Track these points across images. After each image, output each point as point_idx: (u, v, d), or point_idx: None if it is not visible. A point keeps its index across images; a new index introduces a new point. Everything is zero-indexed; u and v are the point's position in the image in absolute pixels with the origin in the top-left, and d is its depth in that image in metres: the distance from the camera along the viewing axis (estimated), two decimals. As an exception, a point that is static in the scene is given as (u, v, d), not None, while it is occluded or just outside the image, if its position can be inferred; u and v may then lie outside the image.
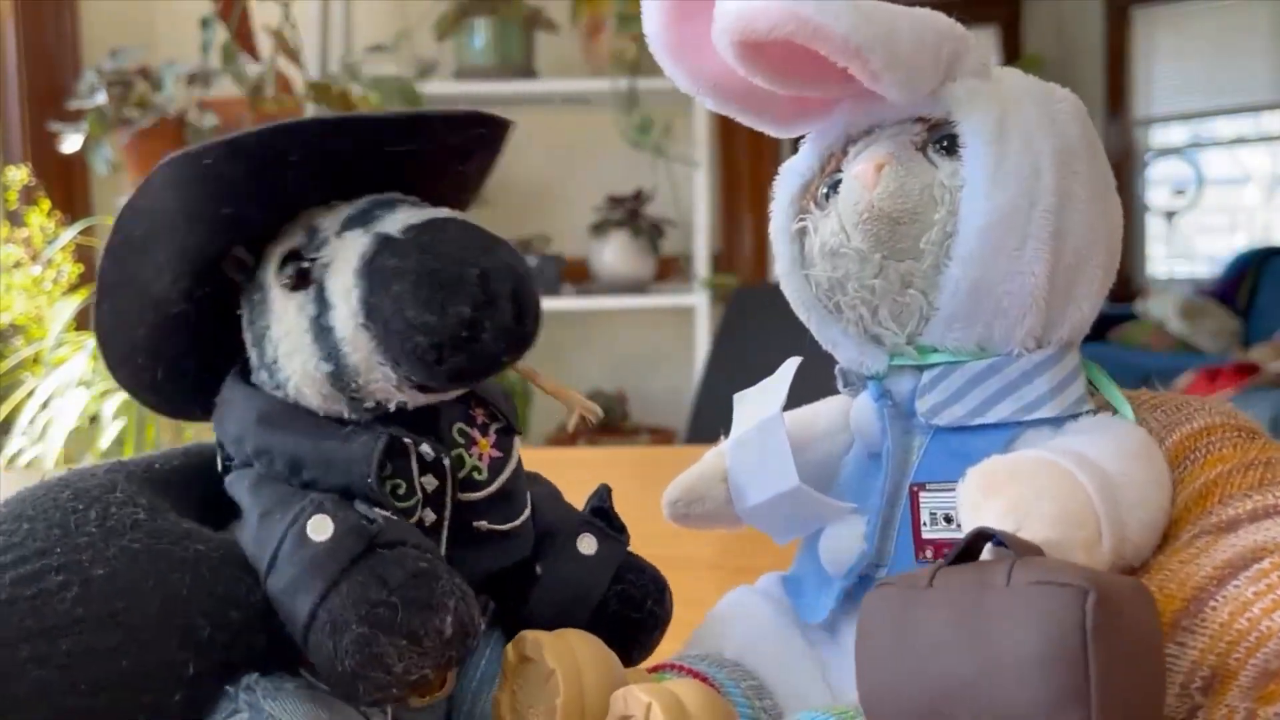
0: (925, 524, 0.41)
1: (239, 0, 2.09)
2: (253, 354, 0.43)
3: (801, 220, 0.45)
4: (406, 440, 0.41)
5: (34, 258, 1.91)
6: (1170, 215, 3.95)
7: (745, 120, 0.46)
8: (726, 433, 0.48)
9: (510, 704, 0.42)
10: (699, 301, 2.29)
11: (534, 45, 2.28)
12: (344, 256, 0.40)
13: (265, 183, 0.40)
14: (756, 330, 1.88)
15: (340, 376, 0.40)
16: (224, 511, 0.43)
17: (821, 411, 0.48)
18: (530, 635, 0.41)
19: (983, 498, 0.36)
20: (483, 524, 0.43)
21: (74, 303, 1.86)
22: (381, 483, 0.40)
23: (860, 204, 0.41)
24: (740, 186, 2.55)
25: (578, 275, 2.36)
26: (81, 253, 1.99)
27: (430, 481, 0.41)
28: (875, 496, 0.43)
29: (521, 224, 2.40)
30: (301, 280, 0.41)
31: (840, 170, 0.44)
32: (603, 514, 0.48)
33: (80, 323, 1.93)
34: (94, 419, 1.72)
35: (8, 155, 2.19)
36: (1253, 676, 0.34)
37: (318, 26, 2.23)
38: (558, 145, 2.45)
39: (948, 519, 0.41)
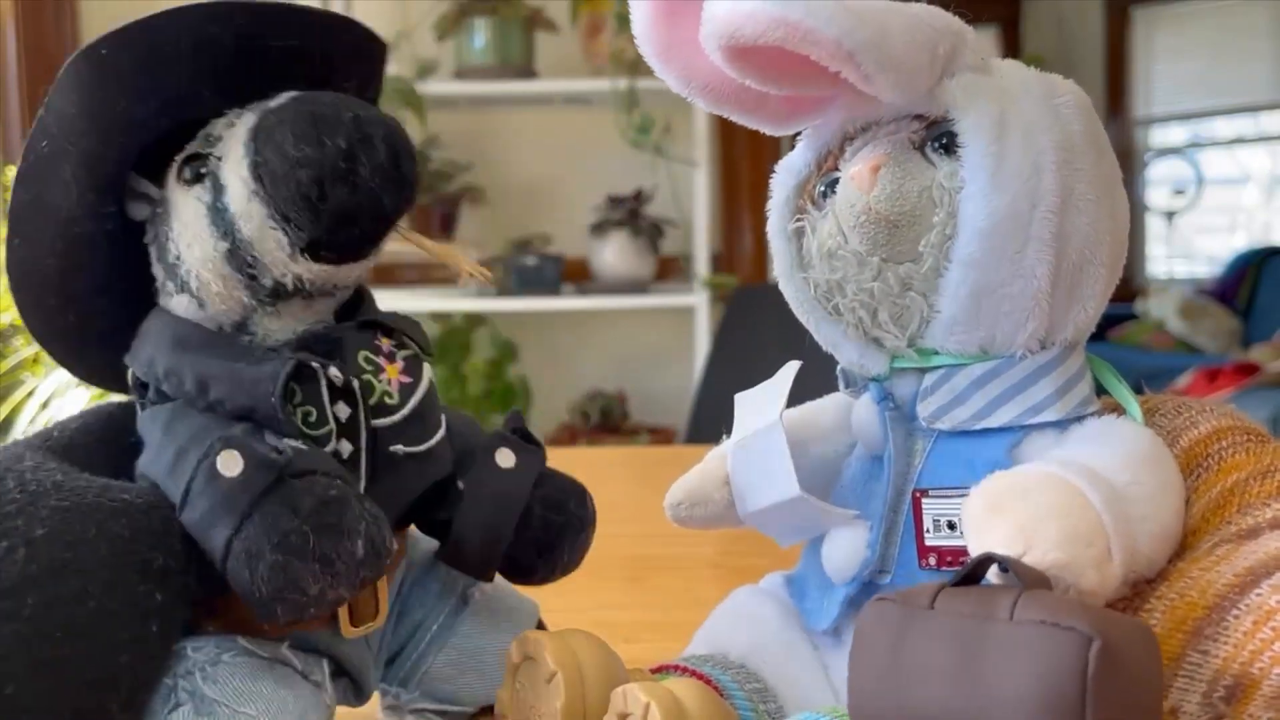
0: (928, 531, 0.41)
1: (239, 0, 2.08)
2: (158, 269, 0.44)
3: (799, 220, 0.44)
4: (314, 364, 0.42)
5: (34, 258, 1.91)
6: (1170, 215, 3.95)
7: (740, 119, 0.46)
8: (728, 433, 0.48)
9: (513, 702, 0.42)
10: (699, 301, 2.29)
11: (534, 45, 2.28)
12: (235, 137, 0.42)
13: (156, 75, 0.42)
14: (756, 330, 1.88)
15: (236, 253, 0.42)
16: (128, 472, 0.44)
17: (824, 409, 0.48)
18: (533, 635, 0.41)
19: (987, 519, 0.35)
20: (399, 448, 0.44)
21: (74, 303, 1.86)
22: (293, 409, 0.41)
23: (856, 206, 0.40)
24: (740, 186, 2.55)
25: (578, 275, 2.36)
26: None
27: (343, 410, 0.42)
28: (878, 502, 0.42)
29: (521, 224, 2.40)
30: (199, 175, 0.42)
31: (837, 169, 0.43)
32: (517, 432, 0.49)
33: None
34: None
35: (8, 155, 2.19)
36: (1277, 686, 0.33)
37: (318, 26, 2.23)
38: (558, 145, 2.45)
39: (951, 525, 0.40)
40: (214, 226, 0.42)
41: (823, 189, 0.43)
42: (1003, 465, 0.39)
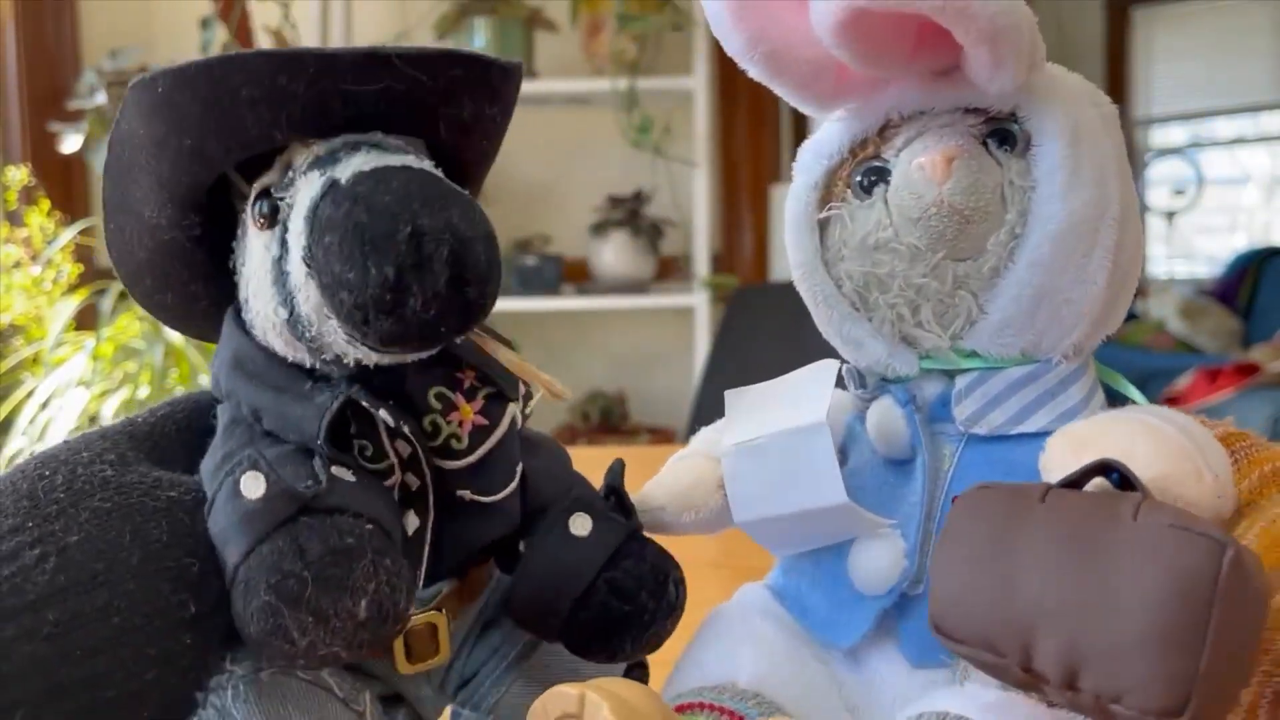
0: None
1: (239, 0, 2.09)
2: (239, 289, 0.41)
3: (833, 208, 0.42)
4: (365, 404, 0.38)
5: (34, 258, 1.91)
6: (1170, 215, 3.94)
7: (785, 94, 0.43)
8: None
9: None
10: (699, 301, 2.29)
11: (534, 45, 2.28)
12: (301, 198, 0.37)
13: (220, 116, 0.37)
14: (756, 330, 1.88)
15: (295, 325, 0.38)
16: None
17: None
18: (572, 691, 0.36)
19: (1078, 452, 0.35)
20: (466, 493, 0.41)
21: (74, 303, 1.86)
22: (348, 443, 0.39)
23: (927, 198, 0.38)
24: (740, 186, 2.55)
25: (578, 275, 2.36)
26: (81, 253, 1.99)
27: (404, 447, 0.39)
28: (909, 508, 0.41)
29: (521, 224, 2.40)
30: (270, 219, 0.39)
31: (878, 157, 0.41)
32: (614, 492, 0.45)
33: (80, 322, 1.93)
34: (94, 419, 1.72)
35: (8, 155, 2.19)
36: None
37: (318, 26, 2.23)
38: (558, 145, 2.45)
39: None
40: (276, 288, 0.38)
41: (861, 178, 0.41)
42: (1038, 474, 0.38)
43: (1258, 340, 2.91)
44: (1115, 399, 0.42)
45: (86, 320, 1.94)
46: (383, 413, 0.38)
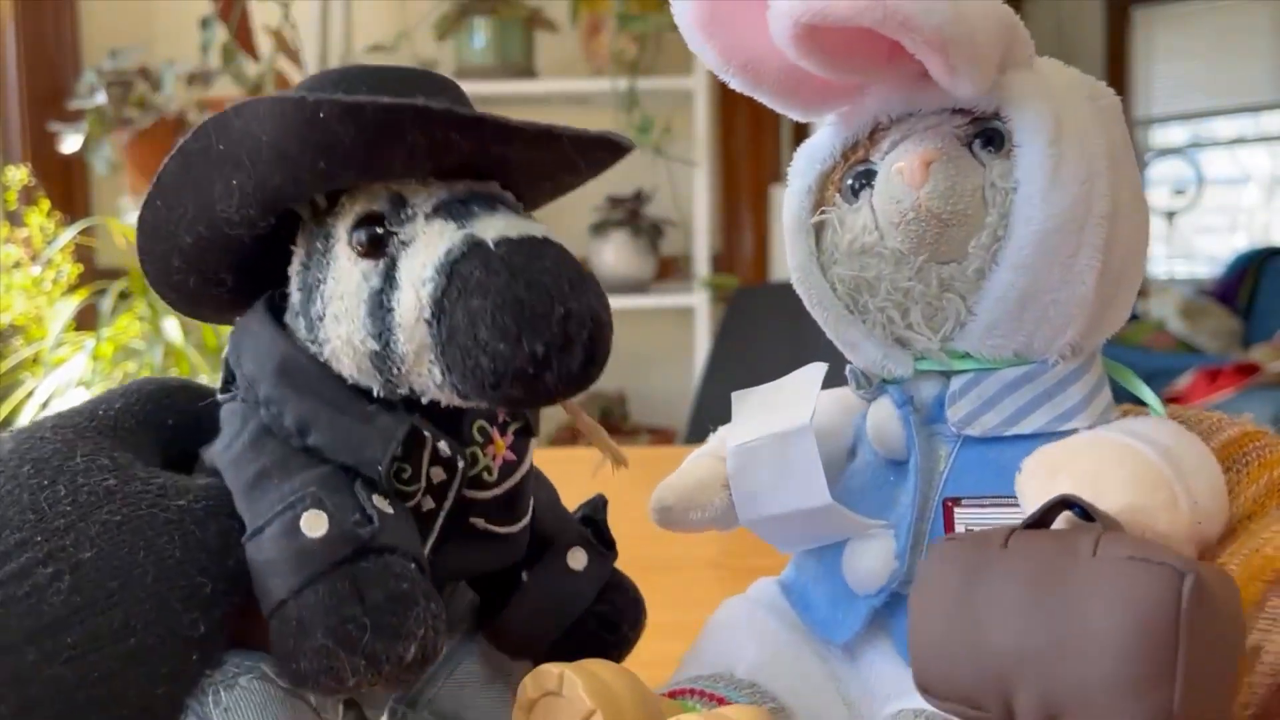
0: None
1: (239, 0, 2.09)
2: (296, 297, 0.41)
3: (824, 213, 0.42)
4: (426, 434, 0.39)
5: (34, 258, 1.91)
6: (1170, 215, 3.95)
7: (769, 102, 0.43)
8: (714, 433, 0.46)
9: None
10: (699, 301, 2.29)
11: (534, 45, 2.28)
12: (427, 243, 0.37)
13: (372, 153, 0.37)
14: (756, 330, 1.88)
15: (385, 359, 0.38)
16: (179, 445, 0.42)
17: (819, 411, 0.45)
18: (554, 670, 0.38)
19: (1050, 478, 0.35)
20: (480, 522, 0.42)
21: (74, 303, 1.86)
22: (390, 468, 0.38)
23: (904, 202, 0.38)
24: (740, 186, 2.55)
25: (578, 275, 2.36)
26: (81, 253, 1.99)
27: (438, 474, 0.40)
28: (901, 509, 0.41)
29: (521, 224, 2.40)
30: (374, 249, 0.38)
31: (868, 160, 0.41)
32: (593, 524, 0.47)
33: (80, 323, 1.93)
34: (94, 419, 1.72)
35: (8, 155, 2.19)
36: None
37: (318, 26, 2.23)
38: (558, 145, 2.45)
39: None
40: (370, 319, 0.38)
41: (852, 182, 0.41)
42: None
43: (1258, 340, 2.91)
44: (1126, 398, 0.42)
45: (86, 320, 1.94)
46: (443, 444, 0.39)
